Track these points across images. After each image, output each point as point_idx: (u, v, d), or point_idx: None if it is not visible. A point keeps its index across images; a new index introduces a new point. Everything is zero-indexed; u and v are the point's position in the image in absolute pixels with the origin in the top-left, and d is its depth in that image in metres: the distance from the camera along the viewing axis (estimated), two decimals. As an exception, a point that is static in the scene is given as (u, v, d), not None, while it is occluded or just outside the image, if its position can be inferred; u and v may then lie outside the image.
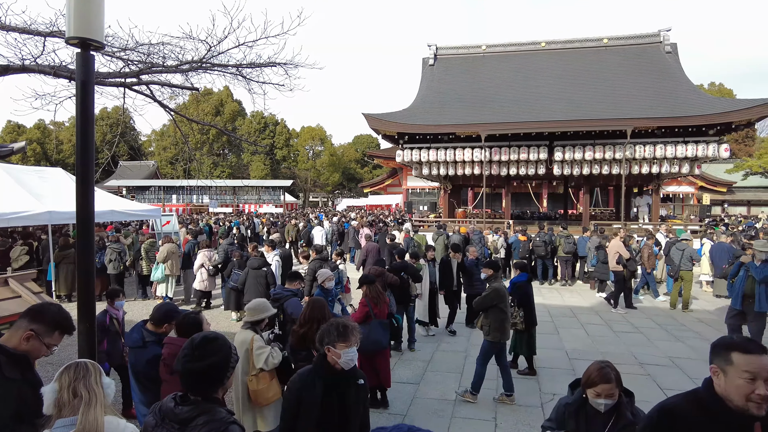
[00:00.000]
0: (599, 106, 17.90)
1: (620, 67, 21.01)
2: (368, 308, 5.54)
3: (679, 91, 18.65)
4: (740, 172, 41.06)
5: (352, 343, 2.80)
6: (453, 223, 18.37)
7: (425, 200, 37.80)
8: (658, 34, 22.02)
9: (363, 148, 67.22)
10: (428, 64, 23.43)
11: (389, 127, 18.15)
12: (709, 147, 16.09)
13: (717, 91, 51.76)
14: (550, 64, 22.08)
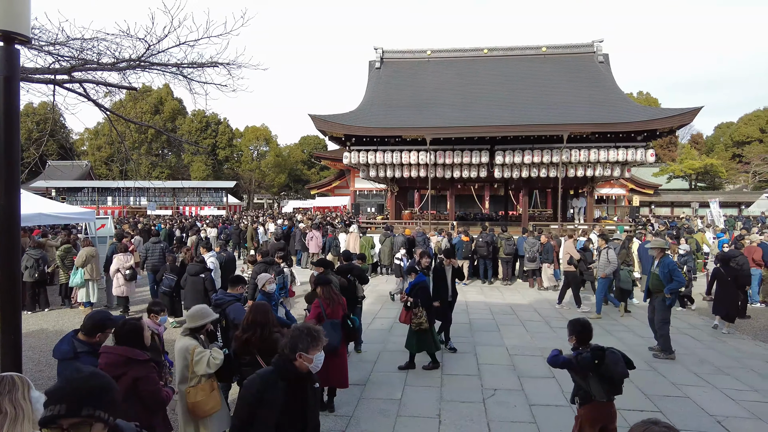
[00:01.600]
0: (537, 112, 18.67)
1: (557, 75, 22.02)
2: (321, 309, 5.53)
3: (610, 99, 19.78)
4: (665, 176, 44.14)
5: (321, 346, 2.91)
6: (400, 224, 18.57)
7: (373, 202, 37.98)
8: (591, 45, 23.25)
9: (310, 149, 66.56)
10: (375, 67, 23.59)
11: (336, 129, 18.11)
12: (637, 152, 17.16)
13: (644, 99, 55.27)
14: (491, 70, 22.81)
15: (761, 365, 7.21)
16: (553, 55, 23.30)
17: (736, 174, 48.88)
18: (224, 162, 59.32)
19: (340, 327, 5.52)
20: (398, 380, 6.57)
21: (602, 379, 3.55)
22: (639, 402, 5.85)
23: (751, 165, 46.36)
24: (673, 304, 7.81)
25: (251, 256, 9.27)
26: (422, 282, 7.04)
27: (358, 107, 20.49)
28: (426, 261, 7.74)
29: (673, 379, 6.62)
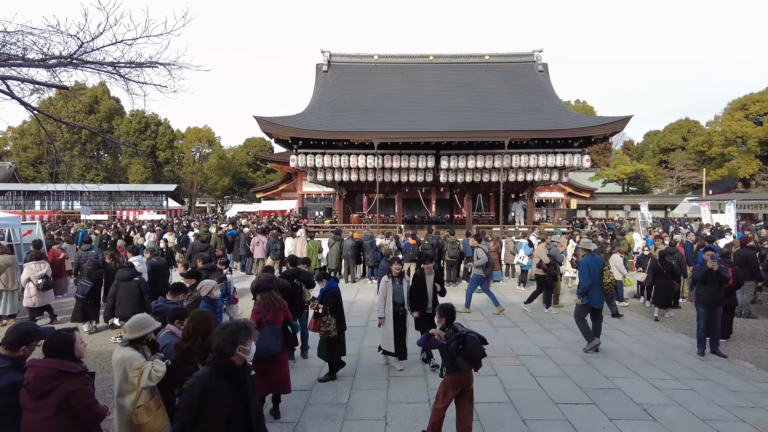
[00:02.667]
0: (480, 118, 19.27)
1: (499, 83, 22.83)
2: (260, 315, 5.45)
3: (549, 106, 20.72)
4: (600, 180, 46.58)
5: (254, 337, 3.23)
6: (349, 228, 18.57)
7: (321, 205, 37.71)
8: (531, 54, 24.27)
9: (255, 151, 65.12)
10: (322, 70, 23.52)
11: (282, 132, 17.90)
12: (574, 157, 18.05)
13: (581, 107, 58.08)
14: (437, 76, 23.32)
15: (682, 355, 7.78)
16: (496, 64, 24.12)
17: (663, 179, 52.33)
18: (165, 164, 56.95)
19: (281, 332, 5.46)
20: (345, 384, 6.58)
21: (467, 358, 4.59)
22: (575, 395, 6.16)
23: (675, 170, 49.79)
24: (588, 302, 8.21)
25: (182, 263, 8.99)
26: (333, 288, 6.72)
27: (305, 110, 20.35)
28: (397, 268, 7.18)
29: (606, 372, 7.02)
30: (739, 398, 6.08)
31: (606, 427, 5.30)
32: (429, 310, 7.22)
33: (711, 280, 7.77)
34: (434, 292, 7.34)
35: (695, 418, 5.49)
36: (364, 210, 30.86)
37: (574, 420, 5.45)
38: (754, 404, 5.90)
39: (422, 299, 7.23)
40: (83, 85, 49.27)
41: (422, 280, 7.29)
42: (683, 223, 26.15)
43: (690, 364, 7.41)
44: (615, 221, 31.87)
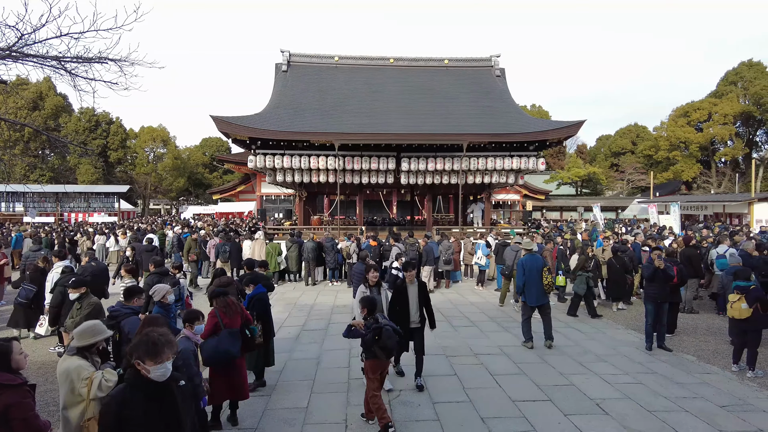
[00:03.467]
0: (440, 121, 19.51)
1: (458, 87, 23.17)
2: (217, 319, 5.30)
3: (506, 110, 21.21)
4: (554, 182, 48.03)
5: (162, 359, 2.74)
6: (309, 230, 18.38)
7: (281, 207, 37.18)
8: (489, 60, 24.78)
9: (212, 151, 63.50)
10: (281, 69, 23.21)
11: (240, 132, 17.53)
12: (529, 160, 18.55)
13: (537, 112, 59.81)
14: (397, 79, 23.44)
15: (632, 351, 8.11)
16: (455, 68, 24.48)
17: (614, 181, 54.51)
18: (117, 165, 54.72)
19: (239, 336, 5.34)
20: (305, 388, 6.49)
21: (381, 347, 5.13)
22: (532, 393, 6.30)
23: (626, 173, 51.99)
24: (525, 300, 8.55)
25: (128, 264, 8.65)
26: (260, 293, 6.49)
27: (264, 110, 20.03)
28: (374, 276, 6.54)
29: (561, 369, 7.22)
30: (682, 390, 6.38)
31: (561, 422, 5.44)
32: (414, 324, 6.38)
33: (658, 279, 8.13)
34: (420, 303, 6.46)
35: (643, 410, 5.72)
36: (325, 212, 30.63)
37: (531, 417, 5.58)
38: (696, 395, 6.21)
39: (404, 313, 6.33)
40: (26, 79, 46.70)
41: (403, 290, 6.44)
42: (633, 223, 27.30)
43: (639, 359, 7.72)
44: (568, 222, 32.92)
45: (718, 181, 48.60)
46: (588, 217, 33.49)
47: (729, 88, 48.86)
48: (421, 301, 6.47)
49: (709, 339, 8.89)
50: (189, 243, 15.18)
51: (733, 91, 48.11)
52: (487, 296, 13.03)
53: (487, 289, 14.00)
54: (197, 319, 4.92)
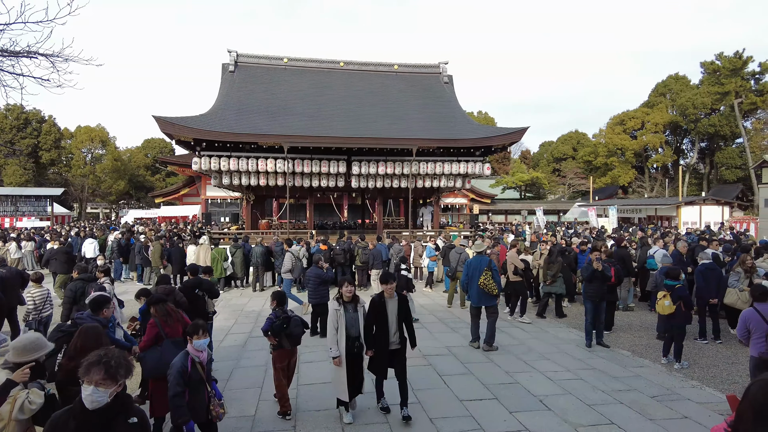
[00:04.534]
0: (390, 126, 19.68)
1: (407, 92, 23.47)
2: (158, 329, 5.08)
3: (453, 116, 21.67)
4: (500, 187, 49.54)
5: (92, 381, 2.46)
6: (257, 234, 18.00)
7: (227, 211, 36.22)
8: (438, 66, 25.24)
9: (155, 153, 61.02)
10: (228, 70, 22.66)
11: (185, 133, 16.95)
12: (476, 165, 19.03)
13: (483, 118, 61.46)
14: (347, 83, 23.44)
15: (573, 348, 8.46)
16: (404, 73, 24.78)
17: (556, 186, 56.86)
18: (49, 166, 51.51)
19: (183, 345, 5.15)
20: (252, 396, 6.35)
21: (288, 336, 5.62)
22: (479, 392, 6.45)
23: (567, 178, 54.36)
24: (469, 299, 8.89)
25: (34, 273, 8.16)
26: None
27: (210, 110, 19.48)
28: (349, 291, 5.60)
29: (507, 368, 7.43)
30: (618, 383, 6.73)
31: (507, 419, 5.60)
32: (394, 345, 5.60)
33: (596, 279, 8.55)
34: (400, 321, 5.66)
35: (583, 404, 5.99)
36: (274, 215, 30.13)
37: (478, 415, 5.70)
38: (630, 387, 6.56)
39: (382, 332, 5.60)
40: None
41: (382, 307, 5.64)
42: (573, 226, 28.54)
43: (579, 355, 8.07)
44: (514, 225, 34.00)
45: (651, 185, 51.70)
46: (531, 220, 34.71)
47: (659, 99, 52.16)
48: (401, 318, 5.67)
49: (642, 334, 9.42)
50: (157, 248, 14.50)
51: (663, 102, 51.41)
52: (436, 298, 13.22)
53: (436, 291, 14.22)
54: (196, 333, 4.29)
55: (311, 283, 9.29)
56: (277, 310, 5.84)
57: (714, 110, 46.57)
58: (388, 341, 5.59)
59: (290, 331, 5.62)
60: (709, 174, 50.79)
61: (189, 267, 7.87)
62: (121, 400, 2.59)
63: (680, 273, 7.92)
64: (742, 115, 44.18)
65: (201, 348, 4.26)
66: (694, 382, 6.78)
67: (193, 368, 4.16)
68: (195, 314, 7.12)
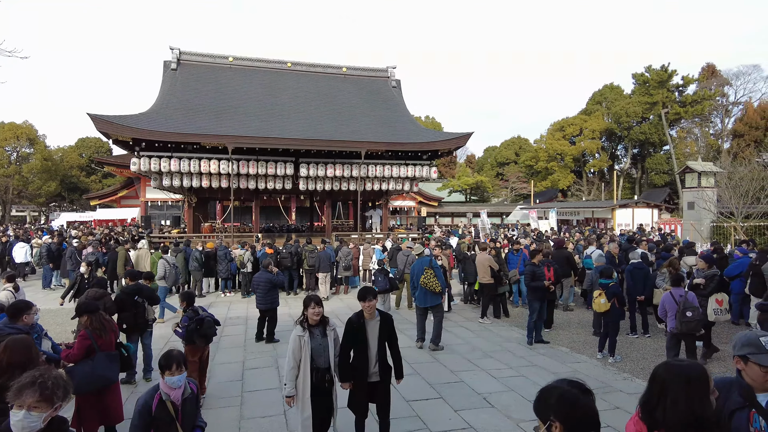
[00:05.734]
0: (338, 128, 19.63)
1: (356, 95, 23.49)
2: (90, 341, 4.77)
3: (401, 120, 21.90)
4: (446, 190, 50.52)
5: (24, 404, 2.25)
6: (199, 238, 17.43)
7: (168, 214, 34.82)
8: (386, 70, 25.42)
9: (90, 153, 57.73)
10: (170, 68, 21.82)
11: (123, 132, 16.17)
12: (423, 169, 19.33)
13: (431, 123, 62.49)
14: (295, 84, 23.17)
15: (515, 346, 8.75)
16: (352, 76, 24.78)
17: (500, 189, 58.63)
18: (-34, 165, 47.66)
19: (117, 358, 4.88)
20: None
21: (202, 335, 6.04)
22: (425, 391, 6.54)
23: (510, 182, 56.18)
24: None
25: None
26: None
27: (150, 109, 18.70)
28: (315, 313, 4.48)
29: (452, 367, 7.58)
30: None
31: (452, 418, 5.71)
32: (374, 376, 4.62)
33: (537, 278, 8.90)
34: (383, 347, 4.65)
35: (524, 400, 6.20)
36: (218, 219, 29.30)
37: (424, 415, 5.78)
38: (569, 383, 6.85)
39: (360, 361, 4.57)
40: None
41: (360, 329, 4.60)
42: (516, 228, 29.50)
43: (521, 353, 8.36)
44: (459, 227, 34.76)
45: (588, 189, 54.31)
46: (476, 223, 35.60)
47: (596, 107, 55.03)
48: (383, 342, 4.64)
49: (579, 331, 9.88)
50: (122, 254, 13.64)
51: (599, 110, 54.28)
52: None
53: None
54: (169, 369, 3.45)
55: (261, 287, 9.06)
56: (189, 311, 6.18)
57: (644, 119, 49.65)
58: (367, 371, 4.57)
59: (204, 332, 6.07)
60: (640, 178, 54.00)
61: (128, 272, 7.53)
62: (56, 426, 2.37)
63: (613, 272, 8.38)
64: (669, 124, 47.33)
65: (175, 385, 3.44)
66: (625, 375, 7.18)
67: (160, 407, 3.44)
68: (135, 321, 6.84)
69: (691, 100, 46.81)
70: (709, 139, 49.36)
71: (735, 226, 16.97)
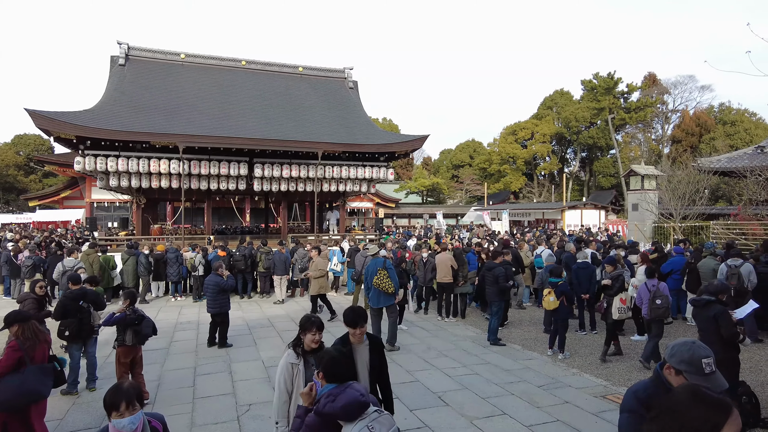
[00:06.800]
0: (294, 128, 19.39)
1: (312, 95, 23.30)
2: (21, 352, 4.45)
3: (358, 122, 21.89)
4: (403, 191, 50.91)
5: None
6: (148, 240, 16.80)
7: (115, 215, 33.36)
8: (343, 71, 25.35)
9: (29, 151, 54.58)
10: (118, 63, 20.93)
11: (65, 129, 15.35)
12: (380, 170, 19.39)
13: (388, 125, 62.78)
14: (249, 82, 22.73)
15: (470, 345, 8.92)
16: (309, 76, 24.57)
17: (455, 191, 59.68)
18: None
19: (51, 371, 4.59)
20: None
21: (137, 333, 6.10)
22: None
23: (464, 184, 57.27)
24: None
25: None
26: None
27: (96, 106, 17.86)
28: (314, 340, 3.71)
29: (407, 366, 7.64)
30: (510, 376, 7.21)
31: (407, 418, 5.75)
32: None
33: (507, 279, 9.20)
34: (374, 378, 3.88)
35: (478, 398, 6.33)
36: (168, 220, 28.33)
37: (380, 415, 5.79)
38: (521, 379, 7.06)
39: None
40: None
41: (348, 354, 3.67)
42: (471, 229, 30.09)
43: (475, 351, 8.53)
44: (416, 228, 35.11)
45: (539, 191, 56.10)
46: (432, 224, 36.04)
47: (546, 112, 56.98)
48: (374, 372, 3.90)
49: (531, 329, 10.18)
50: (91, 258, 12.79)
51: (550, 114, 56.25)
52: (341, 301, 13.24)
53: (340, 294, 14.27)
54: (116, 409, 2.61)
55: (210, 291, 8.82)
56: (129, 309, 6.16)
57: (592, 123, 51.86)
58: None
59: (140, 329, 6.10)
60: (588, 181, 56.29)
61: (71, 276, 7.17)
62: None
63: (562, 271, 8.70)
64: (615, 129, 49.59)
65: (126, 430, 2.61)
66: (574, 370, 7.46)
67: None
68: (80, 328, 6.52)
69: (635, 107, 49.30)
70: (651, 144, 52.14)
71: (674, 226, 17.95)
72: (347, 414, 2.65)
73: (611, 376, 7.20)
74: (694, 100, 53.61)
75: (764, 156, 19.54)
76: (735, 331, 5.33)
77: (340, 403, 2.66)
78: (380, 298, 8.62)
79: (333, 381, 2.82)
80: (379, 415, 2.73)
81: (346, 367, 2.95)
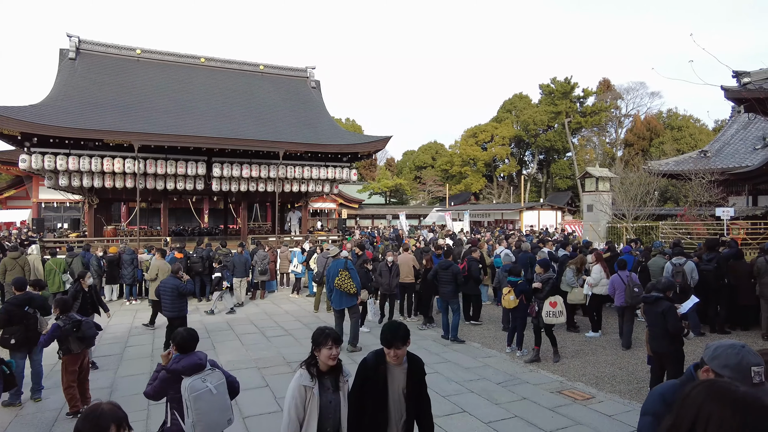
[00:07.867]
0: (255, 128, 19.10)
1: (274, 94, 23.01)
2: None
3: (321, 122, 21.77)
4: (367, 192, 50.96)
5: None
6: (101, 242, 16.15)
7: (66, 216, 31.98)
8: (305, 70, 25.16)
9: (-31, 148, 51.50)
10: (68, 57, 20.06)
11: (9, 125, 14.60)
12: (343, 171, 19.36)
13: (351, 125, 62.66)
14: (208, 80, 22.25)
15: (430, 344, 9.02)
16: (270, 75, 24.27)
17: (417, 192, 60.16)
18: None
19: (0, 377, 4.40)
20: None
21: (81, 339, 5.69)
22: (342, 393, 6.53)
23: (427, 185, 57.86)
24: None
25: None
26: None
27: (44, 101, 17.10)
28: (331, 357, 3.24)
29: (369, 367, 7.64)
30: (469, 373, 7.33)
31: (368, 418, 5.75)
32: None
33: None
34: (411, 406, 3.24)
35: (438, 396, 6.40)
36: (123, 221, 27.36)
37: (341, 417, 5.77)
38: (480, 376, 7.19)
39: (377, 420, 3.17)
40: None
41: (380, 378, 3.21)
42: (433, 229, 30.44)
43: (435, 350, 8.63)
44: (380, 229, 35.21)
45: (498, 192, 57.29)
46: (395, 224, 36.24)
47: (506, 115, 58.29)
48: (412, 399, 3.25)
49: (490, 327, 10.38)
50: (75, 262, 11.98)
51: (509, 117, 57.56)
52: (302, 303, 13.13)
53: (302, 296, 14.14)
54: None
55: (167, 295, 8.51)
56: (63, 317, 5.80)
57: (550, 127, 53.40)
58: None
59: (83, 334, 5.75)
60: (546, 183, 57.89)
61: (14, 280, 6.81)
62: None
63: (521, 270, 8.90)
64: (571, 132, 51.24)
65: None
66: (531, 367, 7.65)
67: None
68: (26, 335, 6.21)
69: (590, 111, 51.11)
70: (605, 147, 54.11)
71: (626, 226, 18.68)
72: (187, 371, 3.59)
73: (567, 372, 7.42)
74: (645, 106, 56.11)
75: (707, 160, 20.65)
76: (680, 326, 5.62)
77: (183, 363, 3.64)
78: (342, 299, 8.60)
79: (183, 352, 3.74)
80: (212, 371, 3.69)
81: (193, 344, 3.81)
